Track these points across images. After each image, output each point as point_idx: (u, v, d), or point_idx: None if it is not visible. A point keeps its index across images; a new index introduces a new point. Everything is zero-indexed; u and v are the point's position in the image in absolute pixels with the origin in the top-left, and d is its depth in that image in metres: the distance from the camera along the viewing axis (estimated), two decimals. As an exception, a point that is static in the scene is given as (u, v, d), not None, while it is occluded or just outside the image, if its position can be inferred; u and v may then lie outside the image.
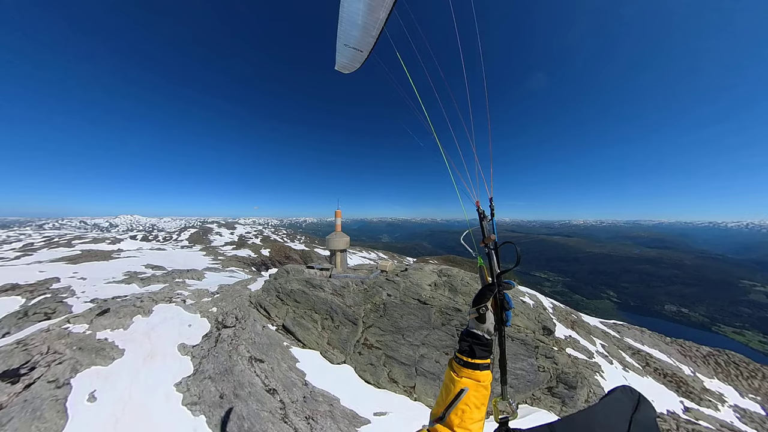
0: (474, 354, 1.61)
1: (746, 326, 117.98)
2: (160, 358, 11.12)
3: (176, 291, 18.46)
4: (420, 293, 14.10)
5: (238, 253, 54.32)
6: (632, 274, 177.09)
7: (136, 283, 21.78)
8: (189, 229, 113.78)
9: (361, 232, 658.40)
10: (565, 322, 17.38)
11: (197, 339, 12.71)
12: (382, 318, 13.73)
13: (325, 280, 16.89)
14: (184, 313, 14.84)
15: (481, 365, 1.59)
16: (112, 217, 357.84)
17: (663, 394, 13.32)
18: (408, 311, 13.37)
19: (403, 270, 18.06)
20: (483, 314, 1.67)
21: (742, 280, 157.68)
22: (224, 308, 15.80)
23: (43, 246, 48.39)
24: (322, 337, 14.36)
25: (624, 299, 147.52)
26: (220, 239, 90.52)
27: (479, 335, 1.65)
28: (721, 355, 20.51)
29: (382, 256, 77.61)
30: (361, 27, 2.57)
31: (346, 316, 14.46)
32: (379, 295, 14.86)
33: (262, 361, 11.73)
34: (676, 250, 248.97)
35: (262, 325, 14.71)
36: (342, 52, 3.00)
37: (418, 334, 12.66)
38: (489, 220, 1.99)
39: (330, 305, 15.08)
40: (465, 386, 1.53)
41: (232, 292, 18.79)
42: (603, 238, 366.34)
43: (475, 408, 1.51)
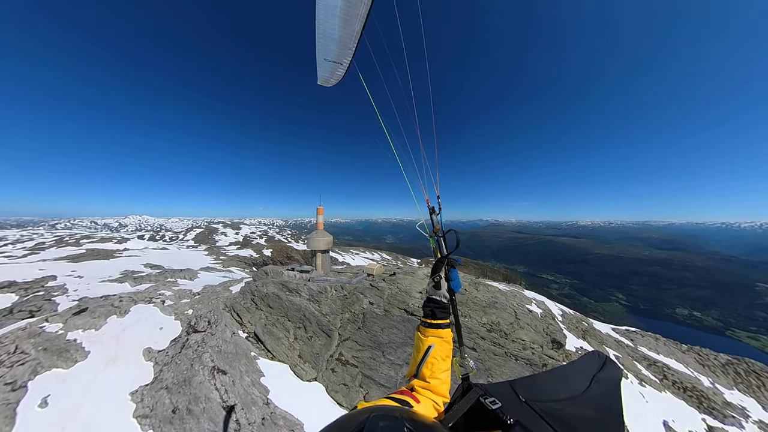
0: (435, 316, 1.97)
1: (762, 331, 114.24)
2: (122, 362, 10.69)
3: (159, 291, 18.16)
4: (407, 302, 12.54)
5: (240, 253, 54.40)
6: (642, 276, 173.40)
7: (129, 282, 21.68)
8: (195, 230, 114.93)
9: (365, 232, 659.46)
10: (575, 332, 16.28)
11: (165, 343, 12.18)
12: (361, 330, 12.18)
13: (303, 283, 15.44)
14: (160, 314, 14.48)
15: (442, 324, 1.95)
16: (122, 218, 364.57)
17: (684, 411, 12.38)
18: (390, 324, 11.87)
19: (391, 274, 16.70)
20: (438, 282, 2.06)
21: (757, 282, 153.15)
22: (199, 311, 15.20)
23: (52, 245, 49.17)
24: (293, 348, 12.80)
25: (633, 302, 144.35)
26: (225, 239, 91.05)
27: (437, 300, 2.04)
28: (741, 364, 19.49)
29: (385, 256, 77.13)
30: (338, 41, 2.66)
31: (320, 325, 12.88)
32: (359, 303, 13.21)
33: (225, 373, 10.70)
34: (687, 251, 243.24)
35: (233, 331, 13.58)
36: (322, 67, 3.07)
37: (401, 352, 10.93)
38: (437, 214, 2.52)
39: (304, 313, 13.55)
40: (432, 343, 1.87)
41: (212, 294, 18.07)
42: (611, 239, 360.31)
43: (442, 360, 1.85)
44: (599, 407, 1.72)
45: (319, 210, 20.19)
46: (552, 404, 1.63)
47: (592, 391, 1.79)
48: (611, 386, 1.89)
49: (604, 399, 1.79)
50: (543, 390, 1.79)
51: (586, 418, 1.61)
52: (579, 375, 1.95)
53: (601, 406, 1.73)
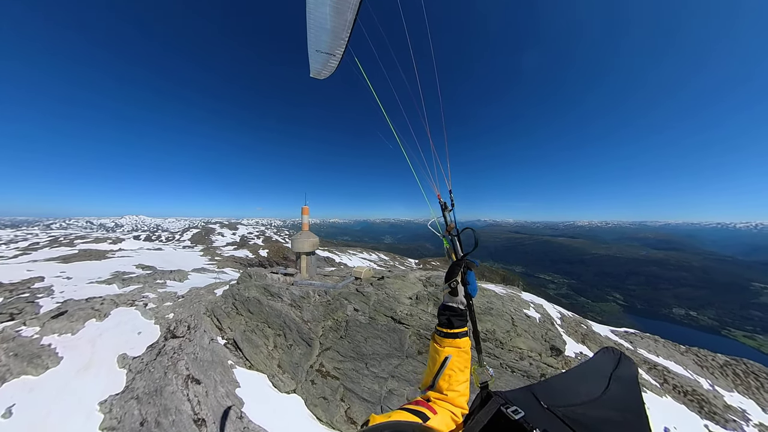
0: (452, 325, 1.82)
1: (758, 330, 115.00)
2: (95, 369, 10.25)
3: (144, 294, 17.72)
4: (395, 309, 11.65)
5: (236, 253, 53.99)
6: (639, 276, 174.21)
7: (117, 283, 21.20)
8: (192, 230, 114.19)
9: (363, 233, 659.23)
10: (575, 336, 15.79)
11: (141, 349, 11.73)
12: (343, 340, 11.32)
13: (285, 287, 14.56)
14: (140, 318, 14.07)
15: (459, 333, 1.81)
16: (118, 218, 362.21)
17: (686, 417, 12.11)
18: (374, 333, 10.98)
19: (379, 278, 15.61)
20: (455, 288, 1.88)
21: (752, 282, 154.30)
22: (180, 315, 14.62)
23: (46, 245, 48.50)
24: (272, 357, 12.04)
25: (631, 302, 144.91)
26: (222, 240, 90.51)
27: (454, 307, 1.88)
28: (739, 365, 19.40)
29: (383, 257, 76.87)
30: (331, 31, 2.56)
31: (300, 333, 12.07)
32: (343, 309, 12.34)
33: (199, 383, 10.08)
34: (683, 251, 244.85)
35: (211, 337, 12.91)
36: (315, 58, 2.97)
37: (386, 364, 10.11)
38: (450, 210, 2.31)
39: (284, 319, 12.73)
40: (449, 354, 1.74)
41: (195, 297, 17.43)
42: (608, 239, 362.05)
43: (460, 371, 1.74)
44: (622, 408, 1.66)
45: (304, 210, 19.29)
46: (574, 408, 1.55)
47: (612, 390, 1.73)
48: (630, 384, 1.84)
49: (625, 398, 1.73)
50: (564, 393, 1.71)
51: (611, 420, 1.55)
52: (596, 374, 1.89)
53: (623, 406, 1.67)
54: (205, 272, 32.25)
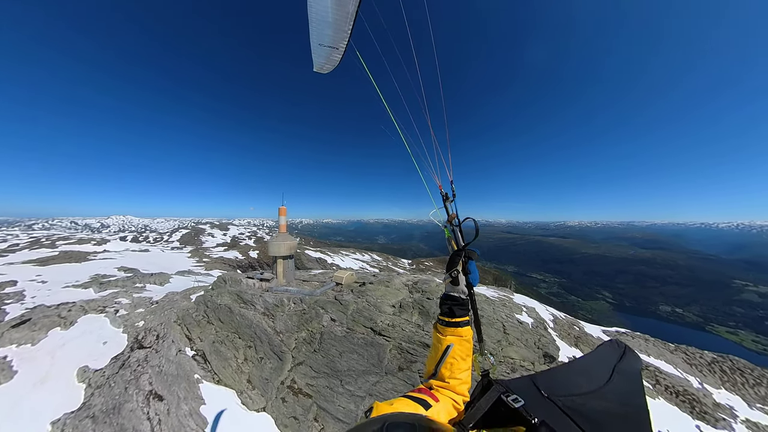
0: (454, 314, 1.86)
1: (740, 326, 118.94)
2: (52, 383, 9.57)
3: (117, 299, 16.91)
4: (376, 319, 10.96)
5: (225, 255, 52.87)
6: (627, 274, 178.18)
7: (94, 287, 20.26)
8: (181, 230, 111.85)
9: (357, 233, 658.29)
10: (568, 339, 15.46)
11: (104, 361, 11.01)
12: (317, 354, 10.49)
13: (258, 294, 13.66)
14: (108, 326, 13.36)
15: (461, 322, 1.84)
16: (104, 218, 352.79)
17: (678, 419, 12.11)
18: (350, 347, 10.12)
19: (361, 284, 14.75)
20: (456, 277, 1.93)
21: (734, 279, 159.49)
22: (151, 323, 13.88)
23: (26, 246, 46.58)
24: (241, 371, 11.27)
25: (619, 300, 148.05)
26: (212, 240, 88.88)
27: (456, 296, 1.92)
28: (726, 362, 19.74)
29: (376, 257, 76.51)
30: (333, 24, 2.54)
31: (272, 345, 11.30)
32: (318, 319, 11.59)
33: (162, 399, 9.39)
34: (669, 250, 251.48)
35: (179, 348, 12.07)
36: (317, 53, 2.94)
37: (362, 381, 9.31)
38: (451, 201, 2.29)
39: (256, 329, 11.87)
40: (450, 342, 1.78)
41: (169, 303, 16.50)
42: (598, 239, 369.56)
43: (461, 359, 1.78)
44: (623, 400, 1.64)
45: (281, 211, 17.97)
46: (575, 398, 1.53)
47: (614, 382, 1.71)
48: (633, 377, 1.82)
49: (627, 391, 1.71)
50: (565, 383, 1.68)
51: (611, 412, 1.52)
52: (599, 365, 1.87)
53: (625, 399, 1.65)
54: (190, 275, 31.12)
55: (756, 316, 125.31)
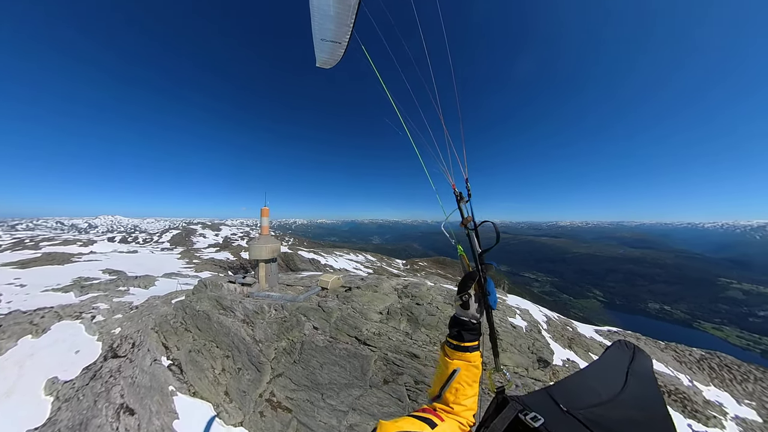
0: (463, 338, 1.74)
1: (725, 322, 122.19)
2: (17, 397, 9.04)
3: (95, 304, 16.24)
4: (361, 327, 10.28)
5: (216, 256, 51.90)
6: (617, 273, 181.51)
7: (75, 291, 19.46)
8: (172, 231, 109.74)
9: (351, 233, 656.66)
10: (561, 341, 15.18)
11: (75, 371, 10.46)
12: (296, 365, 9.82)
13: (238, 300, 12.99)
14: (83, 334, 12.77)
15: (470, 347, 1.73)
16: (92, 218, 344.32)
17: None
18: (331, 359, 9.44)
19: (347, 289, 14.02)
20: (466, 301, 1.77)
21: (719, 277, 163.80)
22: (128, 330, 13.30)
23: (8, 248, 45.01)
24: (218, 383, 10.54)
25: (610, 298, 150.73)
26: (203, 241, 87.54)
27: (465, 321, 1.78)
28: (714, 358, 20.10)
29: (370, 258, 76.24)
30: (335, 18, 2.48)
31: (250, 356, 10.59)
32: (299, 327, 10.81)
33: (133, 413, 8.86)
34: (657, 249, 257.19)
35: (154, 358, 11.43)
36: (320, 48, 2.87)
37: (344, 395, 8.73)
38: (466, 201, 2.03)
39: (234, 338, 11.19)
40: (457, 367, 1.70)
41: (148, 309, 15.73)
42: (589, 238, 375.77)
43: (468, 386, 1.70)
44: (643, 405, 1.62)
45: (263, 211, 16.91)
46: (595, 410, 1.47)
47: (630, 387, 1.68)
48: (647, 380, 1.79)
49: (644, 395, 1.68)
50: (582, 394, 1.62)
51: (633, 420, 1.49)
52: (613, 370, 1.84)
53: (644, 404, 1.63)
54: (177, 277, 30.10)
55: (740, 313, 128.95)
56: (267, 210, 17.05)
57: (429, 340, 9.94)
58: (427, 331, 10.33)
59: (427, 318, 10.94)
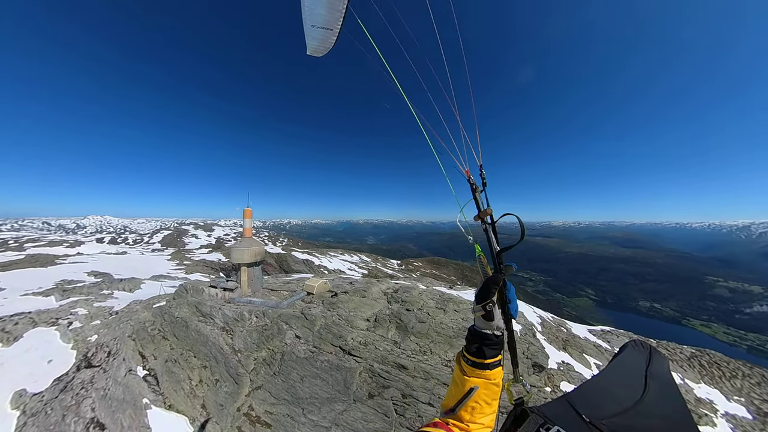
0: (484, 355, 1.52)
1: (712, 319, 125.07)
2: None
3: (74, 309, 15.56)
4: (346, 336, 9.67)
5: (207, 257, 51.01)
6: (609, 272, 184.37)
7: (56, 295, 18.68)
8: (163, 231, 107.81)
9: (346, 234, 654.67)
10: (556, 343, 15.12)
11: (45, 383, 9.92)
12: (276, 377, 9.21)
13: (218, 306, 12.24)
14: (57, 341, 12.23)
15: (491, 364, 1.52)
16: (80, 218, 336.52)
17: None
18: (312, 372, 8.80)
19: (333, 295, 13.50)
20: (490, 311, 1.50)
21: (707, 276, 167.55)
22: (104, 337, 12.68)
23: (-10, 250, 43.57)
24: (194, 395, 9.83)
25: (602, 296, 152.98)
26: (196, 242, 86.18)
27: (488, 334, 1.55)
28: (703, 356, 20.38)
29: (364, 258, 76.00)
30: (326, 3, 2.41)
31: (228, 366, 9.90)
32: (280, 336, 10.13)
33: (104, 428, 8.33)
34: (647, 249, 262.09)
35: (129, 368, 10.79)
36: (311, 35, 2.76)
37: (326, 410, 8.15)
38: (482, 191, 1.81)
39: (212, 347, 10.50)
40: (475, 385, 1.52)
41: (128, 314, 14.99)
42: (581, 238, 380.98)
43: (486, 404, 1.53)
44: (667, 412, 1.54)
45: (246, 212, 16.06)
46: (618, 420, 1.39)
47: (651, 392, 1.60)
48: (667, 382, 1.71)
49: (667, 400, 1.61)
50: (603, 401, 1.54)
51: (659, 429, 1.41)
52: (630, 373, 1.77)
53: (667, 412, 1.55)
54: (166, 280, 29.25)
55: (727, 310, 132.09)
56: (250, 211, 16.31)
57: (419, 348, 9.54)
58: (417, 340, 9.99)
59: (417, 325, 10.60)
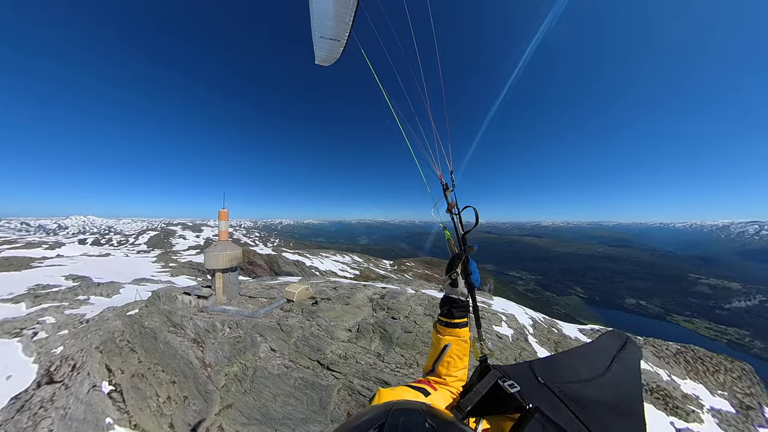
0: (453, 315, 1.93)
1: (695, 315, 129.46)
2: None
3: (42, 318, 14.69)
4: (324, 349, 8.96)
5: (195, 259, 49.74)
6: (596, 271, 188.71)
7: (27, 301, 17.64)
8: (149, 232, 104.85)
9: (339, 234, 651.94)
10: (548, 345, 14.88)
11: (2, 402, 9.21)
12: (247, 395, 8.63)
13: (189, 316, 11.51)
14: (19, 354, 11.49)
15: (459, 323, 1.92)
16: (62, 218, 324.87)
17: (654, 418, 12.26)
18: (286, 390, 8.26)
19: (314, 303, 12.72)
20: (455, 279, 1.96)
21: (689, 273, 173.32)
22: (71, 349, 11.83)
23: (-39, 253, 41.37)
24: (161, 413, 9.09)
25: (590, 294, 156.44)
26: (183, 243, 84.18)
27: (455, 298, 1.96)
28: (688, 352, 20.80)
29: (357, 259, 75.60)
30: (334, 16, 2.56)
31: (197, 382, 9.13)
32: (254, 349, 9.30)
33: None
34: (633, 248, 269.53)
35: (93, 383, 9.93)
36: (319, 45, 2.94)
37: (301, 431, 7.61)
38: (451, 191, 2.34)
39: (180, 361, 9.79)
40: (448, 342, 1.89)
41: (98, 323, 14.10)
42: (570, 237, 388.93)
43: (458, 359, 1.88)
44: (620, 390, 1.69)
45: (221, 214, 15.04)
46: (572, 386, 1.58)
47: (612, 372, 1.76)
48: (632, 368, 1.89)
49: (625, 381, 1.77)
50: (563, 371, 1.73)
51: (607, 401, 1.57)
52: (600, 354, 1.93)
53: (620, 389, 1.70)
54: (147, 283, 27.95)
55: (708, 306, 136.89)
56: (226, 212, 15.24)
57: (404, 361, 8.93)
58: (402, 351, 9.45)
59: (403, 336, 10.06)
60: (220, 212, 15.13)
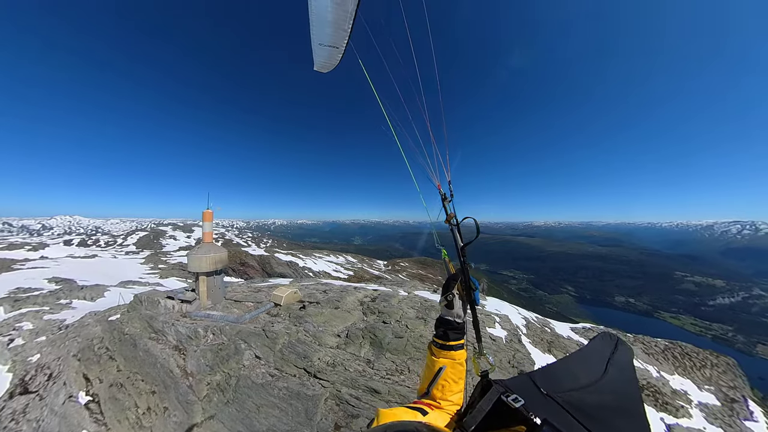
0: (448, 338, 1.89)
1: (681, 311, 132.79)
2: None
3: (19, 324, 14.07)
4: (311, 356, 8.63)
5: (185, 260, 48.90)
6: (587, 270, 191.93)
7: (6, 305, 17.00)
8: (139, 232, 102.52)
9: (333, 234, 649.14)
10: (541, 345, 14.87)
11: None
12: (230, 406, 8.15)
13: (171, 322, 10.92)
14: None
15: (455, 346, 1.87)
16: (47, 218, 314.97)
17: None
18: (270, 401, 7.74)
19: (301, 307, 12.27)
20: (451, 301, 1.93)
21: (676, 271, 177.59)
22: (47, 357, 11.28)
23: (-61, 255, 39.69)
24: (140, 425, 8.64)
25: (581, 293, 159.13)
26: (174, 244, 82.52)
27: (450, 320, 1.93)
28: (676, 348, 21.29)
29: (350, 259, 75.24)
30: (333, 23, 2.59)
31: (178, 392, 8.72)
32: (237, 357, 8.95)
33: None
34: (622, 247, 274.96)
35: (69, 394, 9.46)
36: (318, 52, 2.97)
37: None
38: (449, 201, 2.26)
39: (161, 370, 9.32)
40: (443, 365, 1.85)
41: (78, 330, 13.36)
42: (561, 237, 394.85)
43: (453, 382, 1.85)
44: (619, 392, 1.72)
45: (205, 215, 14.37)
46: (573, 394, 1.60)
47: (609, 375, 1.79)
48: (626, 369, 1.91)
49: (622, 383, 1.79)
50: (562, 379, 1.75)
51: (608, 405, 1.60)
52: (594, 359, 1.95)
53: (620, 391, 1.73)
54: (136, 286, 27.19)
55: (693, 303, 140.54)
56: (210, 213, 14.66)
57: (395, 368, 8.60)
58: (393, 357, 9.12)
59: (394, 341, 9.71)
60: (204, 213, 14.60)
